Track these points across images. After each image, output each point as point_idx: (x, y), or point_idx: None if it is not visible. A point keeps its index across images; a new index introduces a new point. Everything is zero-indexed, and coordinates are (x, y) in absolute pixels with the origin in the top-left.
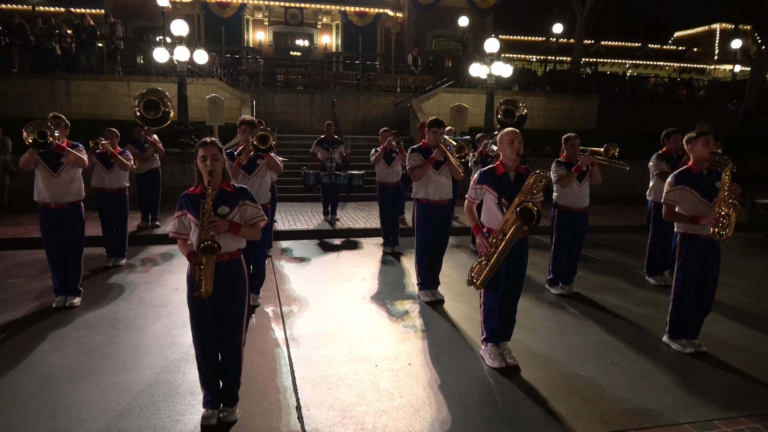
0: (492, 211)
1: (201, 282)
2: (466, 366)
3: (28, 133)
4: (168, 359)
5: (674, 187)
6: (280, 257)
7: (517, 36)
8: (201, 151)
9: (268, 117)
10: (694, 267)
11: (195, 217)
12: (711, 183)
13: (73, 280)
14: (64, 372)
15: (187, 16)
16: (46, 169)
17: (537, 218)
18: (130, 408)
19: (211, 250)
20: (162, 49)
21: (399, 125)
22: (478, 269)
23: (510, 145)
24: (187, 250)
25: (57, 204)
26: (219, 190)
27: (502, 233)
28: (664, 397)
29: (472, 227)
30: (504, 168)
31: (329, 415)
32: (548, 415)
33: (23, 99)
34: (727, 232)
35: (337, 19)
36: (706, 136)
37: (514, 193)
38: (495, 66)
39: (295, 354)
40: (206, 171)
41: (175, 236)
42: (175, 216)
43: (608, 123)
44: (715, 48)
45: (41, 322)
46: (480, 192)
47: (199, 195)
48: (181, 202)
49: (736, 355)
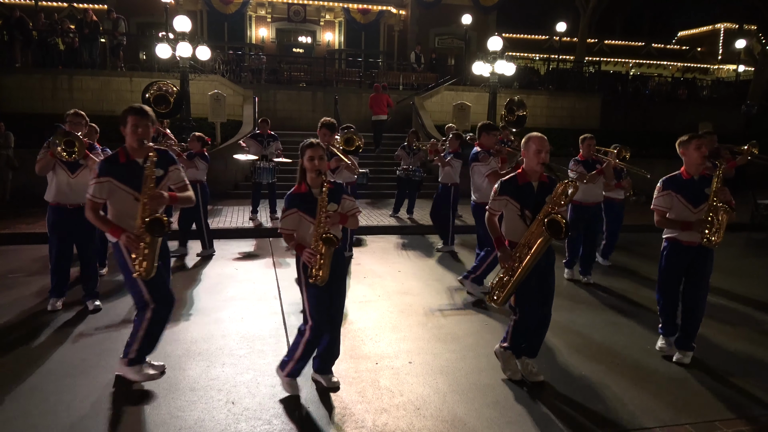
0: (514, 223)
1: (320, 270)
2: (467, 365)
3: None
4: (168, 355)
5: (661, 193)
6: (284, 254)
7: (521, 34)
8: (309, 151)
9: (270, 114)
10: (677, 274)
11: (306, 215)
12: (700, 189)
13: (91, 283)
14: (64, 367)
15: (190, 12)
16: (65, 170)
17: (566, 231)
18: (130, 404)
19: (331, 242)
20: (164, 45)
21: (401, 123)
22: (499, 284)
23: (536, 155)
24: (295, 243)
25: (73, 205)
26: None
27: (527, 246)
28: (665, 398)
29: (494, 240)
30: (527, 177)
31: (329, 412)
32: (548, 414)
33: (25, 94)
34: (716, 239)
35: (340, 16)
36: (699, 140)
37: (537, 203)
38: (498, 64)
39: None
40: (315, 170)
41: (283, 231)
42: (285, 215)
43: (611, 122)
44: (719, 48)
45: (42, 317)
46: (501, 203)
47: (306, 194)
48: (290, 202)
49: (736, 356)
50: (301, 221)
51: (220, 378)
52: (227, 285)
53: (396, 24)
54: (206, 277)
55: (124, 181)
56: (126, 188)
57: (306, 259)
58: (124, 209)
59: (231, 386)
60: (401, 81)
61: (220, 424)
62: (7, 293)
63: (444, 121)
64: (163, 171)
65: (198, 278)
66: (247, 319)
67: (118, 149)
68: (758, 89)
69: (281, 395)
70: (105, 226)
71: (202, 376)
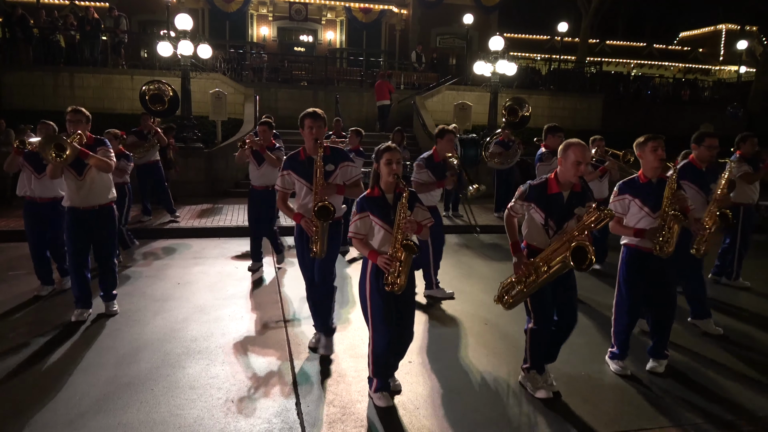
0: (536, 230)
1: (398, 278)
2: (467, 364)
3: (45, 153)
4: (169, 353)
5: (617, 198)
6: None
7: (522, 34)
8: (387, 155)
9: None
10: (639, 281)
11: (379, 219)
12: (659, 193)
13: (108, 286)
14: (64, 364)
15: (192, 10)
16: (71, 172)
17: (589, 264)
18: (130, 401)
19: (411, 249)
20: (166, 43)
21: (402, 122)
22: (511, 289)
23: (575, 166)
24: (367, 249)
25: (85, 207)
26: (397, 194)
27: (546, 264)
28: (665, 398)
29: (510, 244)
30: (558, 187)
31: (329, 411)
32: (548, 414)
33: (27, 91)
34: (667, 248)
35: (341, 15)
36: (655, 141)
37: (564, 215)
38: (499, 64)
39: (296, 350)
40: (392, 174)
41: (353, 236)
42: (355, 218)
43: (612, 123)
44: (721, 49)
45: (42, 314)
46: (525, 207)
47: (379, 198)
48: (363, 205)
49: (737, 357)
50: (372, 226)
51: (219, 376)
52: (227, 283)
53: (398, 23)
54: (206, 276)
55: (301, 174)
56: (302, 180)
57: (383, 265)
58: (300, 198)
59: (231, 385)
60: (402, 80)
61: (219, 422)
62: (7, 290)
63: (445, 121)
64: (334, 166)
65: (198, 277)
66: (247, 318)
67: (300, 148)
68: (760, 90)
69: (281, 395)
70: (289, 213)
71: (202, 375)
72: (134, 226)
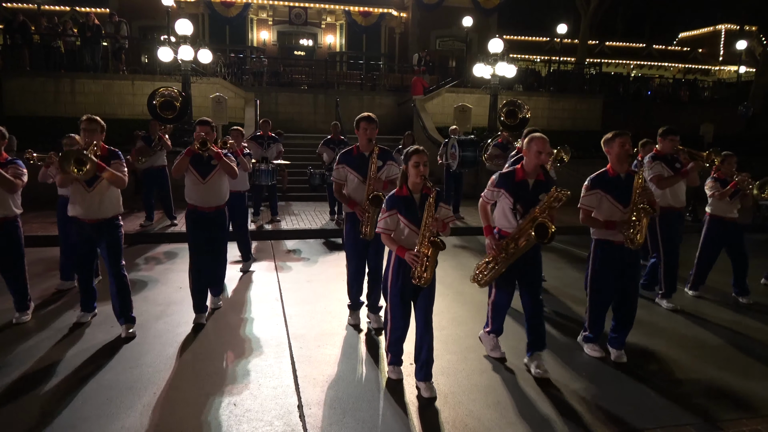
0: (506, 215)
1: (425, 272)
2: (467, 366)
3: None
4: (169, 357)
5: (589, 192)
6: (285, 256)
7: (522, 36)
8: (415, 157)
9: (272, 116)
10: (609, 274)
11: (405, 218)
12: (628, 187)
13: (124, 307)
14: (66, 368)
15: (192, 16)
16: (81, 183)
17: (551, 237)
18: (132, 406)
19: (438, 246)
20: (166, 48)
21: (402, 125)
22: (484, 268)
23: (537, 156)
24: (395, 245)
25: (90, 219)
26: (423, 194)
27: (514, 242)
28: (666, 398)
29: (484, 227)
30: (524, 174)
31: (330, 413)
32: (548, 415)
33: (28, 97)
34: (638, 239)
35: (341, 18)
36: (623, 137)
37: (530, 200)
38: (499, 66)
39: (297, 353)
40: (420, 176)
41: (382, 231)
42: (385, 215)
43: (612, 124)
44: (720, 49)
45: (44, 319)
46: (496, 194)
47: (407, 197)
48: (391, 203)
49: (737, 357)
50: (399, 223)
51: (221, 379)
52: (228, 286)
53: (397, 26)
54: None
55: (354, 168)
56: (354, 173)
57: (410, 260)
58: (352, 189)
59: (232, 387)
60: (402, 83)
61: (221, 425)
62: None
63: (445, 123)
64: (382, 162)
65: None
66: (248, 321)
67: (353, 146)
68: (759, 90)
69: (282, 397)
70: (345, 200)
71: (204, 378)
72: (136, 231)
